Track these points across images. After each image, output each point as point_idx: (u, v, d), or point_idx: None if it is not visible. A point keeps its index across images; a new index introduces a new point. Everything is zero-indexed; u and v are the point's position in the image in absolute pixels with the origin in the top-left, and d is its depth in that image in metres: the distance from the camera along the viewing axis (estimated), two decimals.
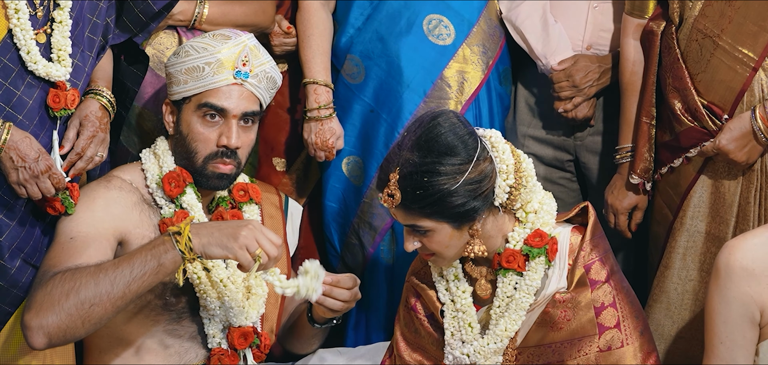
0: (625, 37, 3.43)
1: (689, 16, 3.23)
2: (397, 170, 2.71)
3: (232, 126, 3.06)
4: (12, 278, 2.92)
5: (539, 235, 2.78)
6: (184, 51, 3.07)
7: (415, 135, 2.71)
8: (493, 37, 3.69)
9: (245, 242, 2.69)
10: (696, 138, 3.24)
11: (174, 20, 3.39)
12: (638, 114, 3.37)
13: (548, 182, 3.76)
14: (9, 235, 2.89)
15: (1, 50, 2.82)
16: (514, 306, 2.78)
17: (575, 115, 3.61)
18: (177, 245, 2.68)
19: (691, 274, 3.33)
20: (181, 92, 3.08)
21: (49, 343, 2.68)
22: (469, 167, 2.67)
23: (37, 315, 2.68)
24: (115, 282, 2.68)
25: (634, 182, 3.39)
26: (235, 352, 3.08)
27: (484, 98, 3.67)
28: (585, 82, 3.56)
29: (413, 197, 2.69)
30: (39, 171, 2.80)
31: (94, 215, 2.94)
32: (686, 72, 3.24)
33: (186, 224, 2.69)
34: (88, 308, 2.67)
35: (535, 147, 3.75)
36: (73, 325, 2.68)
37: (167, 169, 3.09)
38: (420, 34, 3.62)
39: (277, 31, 3.67)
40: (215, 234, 2.70)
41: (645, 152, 3.35)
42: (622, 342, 2.71)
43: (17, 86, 2.84)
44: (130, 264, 2.70)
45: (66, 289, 2.68)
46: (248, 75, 3.07)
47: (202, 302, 3.05)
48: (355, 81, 3.68)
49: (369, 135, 3.66)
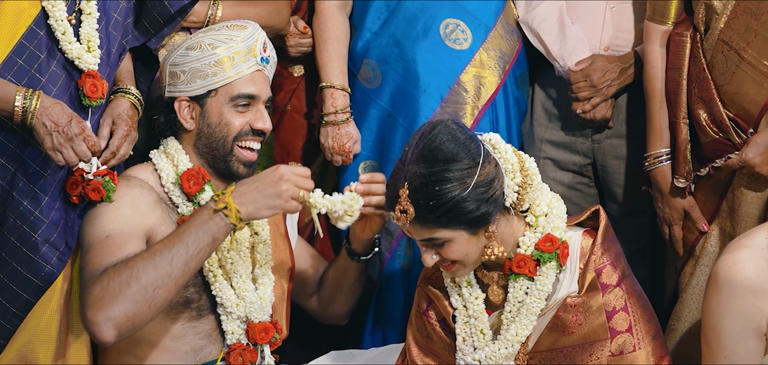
0: (649, 44, 3.40)
1: (715, 27, 3.20)
2: (406, 184, 2.70)
3: (262, 110, 3.13)
4: (36, 266, 2.94)
5: (550, 240, 2.77)
6: (206, 44, 3.09)
7: (417, 148, 2.70)
8: (510, 42, 3.67)
9: (289, 194, 2.82)
10: (721, 150, 3.22)
11: (188, 22, 3.39)
12: (674, 118, 3.33)
13: (565, 186, 3.74)
14: (37, 223, 2.92)
15: (28, 37, 2.86)
16: (525, 311, 2.78)
17: (593, 115, 3.58)
18: (227, 219, 2.79)
19: None
20: (206, 85, 3.09)
21: (118, 334, 2.71)
22: (476, 171, 2.67)
23: (101, 309, 2.70)
24: (174, 262, 2.75)
25: (680, 185, 3.34)
26: (254, 347, 3.09)
27: (501, 103, 3.66)
28: (603, 82, 3.54)
29: (427, 208, 2.68)
30: (73, 134, 2.83)
31: (123, 213, 2.96)
32: (712, 83, 3.21)
33: (229, 197, 2.78)
34: (151, 291, 2.72)
35: (553, 152, 3.73)
36: (140, 311, 2.71)
37: (183, 167, 3.10)
38: (437, 39, 3.60)
39: (293, 32, 3.67)
40: (259, 199, 2.82)
41: (687, 154, 3.32)
42: (635, 346, 2.70)
43: (42, 74, 2.87)
44: (183, 243, 2.77)
45: (124, 278, 2.72)
46: (269, 60, 3.16)
47: (219, 300, 3.06)
48: (371, 86, 3.67)
49: (385, 140, 3.65)
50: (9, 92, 2.78)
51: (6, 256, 2.92)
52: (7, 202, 2.91)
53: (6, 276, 2.93)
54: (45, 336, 2.97)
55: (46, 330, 2.98)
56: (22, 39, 2.86)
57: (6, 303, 2.94)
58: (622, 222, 3.72)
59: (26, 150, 2.90)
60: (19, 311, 2.95)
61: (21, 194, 2.91)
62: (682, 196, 3.37)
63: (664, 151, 3.37)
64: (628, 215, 3.72)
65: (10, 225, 2.91)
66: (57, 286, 2.98)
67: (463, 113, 3.58)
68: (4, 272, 2.93)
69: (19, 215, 2.91)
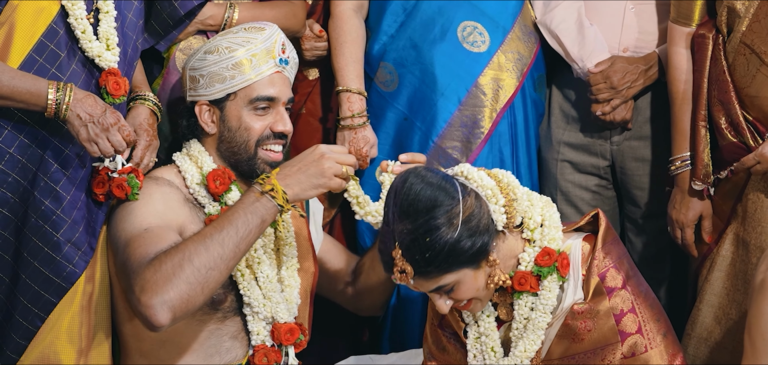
0: (674, 46, 3.38)
1: (737, 30, 3.20)
2: (397, 245, 2.66)
3: (283, 112, 3.11)
4: (58, 266, 2.92)
5: (547, 253, 2.75)
6: (224, 47, 3.08)
7: (396, 206, 2.66)
8: (528, 44, 3.66)
9: (332, 171, 2.87)
10: (737, 154, 3.21)
11: (204, 25, 3.39)
12: (694, 120, 3.32)
13: (583, 189, 3.74)
14: (59, 222, 2.90)
15: (49, 35, 2.85)
16: (532, 326, 2.76)
17: (613, 117, 3.57)
18: (275, 200, 2.82)
19: (737, 284, 3.29)
20: (225, 88, 3.08)
21: (173, 317, 2.69)
22: (460, 208, 2.63)
23: (155, 293, 2.69)
24: (225, 244, 2.76)
25: (697, 188, 3.33)
26: (279, 348, 3.07)
27: (519, 105, 3.65)
28: (623, 83, 3.53)
29: (425, 262, 2.64)
30: (109, 124, 2.82)
31: (157, 208, 2.96)
32: (731, 85, 3.21)
33: (274, 179, 2.83)
34: (205, 273, 2.72)
35: (571, 154, 3.72)
36: (194, 293, 2.71)
37: (207, 168, 3.09)
38: (454, 42, 3.59)
39: (308, 35, 3.65)
40: (303, 179, 2.86)
41: (705, 157, 3.30)
42: (646, 347, 2.68)
43: (63, 72, 2.86)
44: (232, 225, 2.79)
45: (177, 261, 2.72)
46: (288, 62, 3.14)
47: (247, 300, 3.04)
48: (388, 89, 3.66)
49: (403, 143, 3.64)
50: (41, 86, 2.77)
51: (28, 256, 2.90)
52: (28, 201, 2.88)
53: (28, 276, 2.90)
54: (67, 337, 2.95)
55: (69, 331, 2.95)
56: (43, 37, 2.85)
57: (28, 304, 2.91)
58: (641, 225, 3.73)
59: (47, 149, 2.88)
60: (41, 311, 2.93)
61: (42, 194, 2.89)
62: (700, 198, 3.35)
63: (689, 155, 3.36)
64: (648, 217, 3.71)
65: (32, 225, 2.89)
66: (79, 286, 2.96)
67: (481, 115, 3.57)
68: (26, 273, 2.90)
69: (41, 215, 2.89)
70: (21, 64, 2.81)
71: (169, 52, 3.40)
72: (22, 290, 2.91)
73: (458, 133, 3.57)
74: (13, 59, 2.82)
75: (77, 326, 2.97)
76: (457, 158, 3.57)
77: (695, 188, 3.34)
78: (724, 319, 3.32)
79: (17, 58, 2.82)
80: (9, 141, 2.84)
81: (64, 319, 2.95)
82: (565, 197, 3.75)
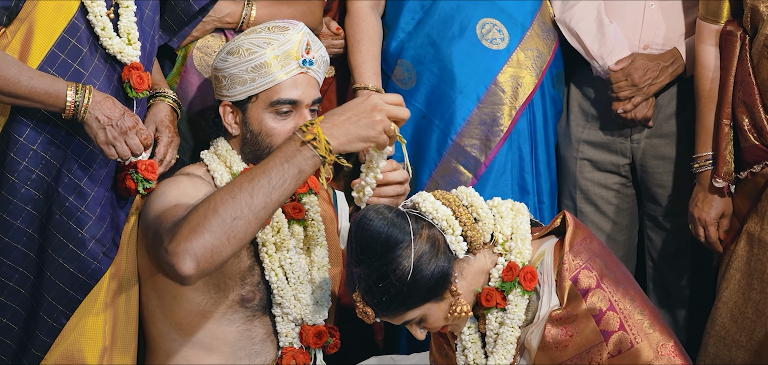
0: (702, 44, 3.38)
1: (762, 31, 3.19)
2: (357, 288, 2.64)
3: (306, 116, 3.01)
4: (83, 263, 2.89)
5: (511, 268, 2.71)
6: (244, 49, 3.00)
7: (351, 250, 2.64)
8: (547, 41, 3.66)
9: (383, 125, 2.66)
10: (759, 156, 3.21)
11: (222, 23, 3.37)
12: (718, 117, 3.32)
13: (602, 187, 3.73)
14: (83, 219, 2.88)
15: (70, 31, 2.82)
16: (501, 341, 2.73)
17: (634, 115, 3.57)
18: (316, 150, 2.60)
19: (753, 283, 3.29)
20: (246, 91, 3.02)
21: (197, 267, 2.57)
22: (411, 248, 2.59)
23: (181, 241, 2.57)
24: (255, 193, 2.59)
25: (718, 185, 3.33)
26: (308, 351, 3.04)
27: (538, 103, 3.64)
28: (644, 80, 3.52)
29: (383, 305, 2.62)
30: (127, 127, 2.79)
31: (187, 191, 2.90)
32: (756, 88, 3.20)
33: (318, 128, 2.61)
34: (230, 222, 2.57)
35: (591, 152, 3.71)
36: (219, 243, 2.57)
37: (236, 167, 3.04)
38: (473, 39, 3.58)
39: (325, 33, 3.63)
40: (351, 129, 2.64)
41: (727, 155, 3.30)
42: (632, 342, 2.63)
43: (86, 68, 2.84)
44: (266, 174, 2.61)
45: (202, 212, 2.59)
46: (313, 62, 3.03)
47: (278, 300, 3.00)
48: (406, 87, 3.64)
49: (421, 141, 3.63)
50: (59, 88, 2.74)
51: (52, 253, 2.87)
52: (52, 198, 2.86)
53: (53, 273, 2.88)
54: (92, 335, 2.92)
55: (93, 329, 2.93)
56: (64, 33, 2.82)
57: (53, 301, 2.89)
58: (662, 223, 3.72)
59: (71, 145, 2.86)
60: (66, 309, 2.90)
61: (67, 190, 2.86)
62: (721, 196, 3.35)
63: (713, 153, 3.36)
64: (669, 215, 3.71)
65: (56, 222, 2.86)
66: (104, 284, 2.93)
67: (501, 113, 3.56)
68: (50, 270, 2.88)
69: (65, 212, 2.86)
70: (43, 60, 2.79)
71: (186, 50, 3.38)
72: (47, 287, 2.88)
73: (477, 131, 3.56)
74: (34, 56, 2.79)
75: (101, 324, 2.94)
76: (476, 155, 3.56)
77: (716, 186, 3.33)
78: (740, 318, 3.31)
79: (39, 55, 2.79)
80: (32, 138, 2.81)
81: (88, 317, 2.92)
82: (584, 195, 3.75)
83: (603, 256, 2.73)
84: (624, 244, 3.80)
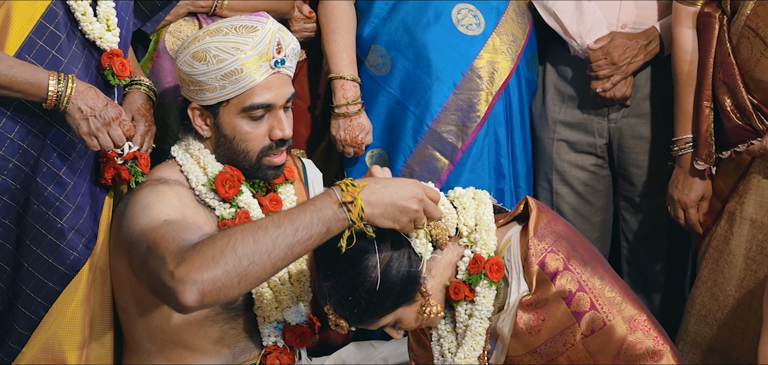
0: (679, 26, 3.38)
1: (742, 12, 3.20)
2: (328, 302, 2.63)
3: (280, 117, 2.92)
4: (62, 254, 2.84)
5: (476, 260, 2.71)
6: (212, 55, 2.84)
7: (317, 267, 2.61)
8: (522, 24, 3.66)
9: (415, 217, 2.54)
10: (743, 136, 3.22)
11: (195, 7, 3.33)
12: (698, 99, 3.33)
13: (579, 168, 3.74)
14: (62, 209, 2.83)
15: (48, 17, 2.76)
16: (470, 333, 2.74)
17: (613, 94, 3.58)
18: (350, 214, 2.47)
19: (737, 261, 3.31)
20: (216, 97, 2.88)
21: (200, 301, 2.41)
22: (377, 259, 2.57)
23: (191, 270, 2.39)
24: (277, 242, 2.43)
25: (699, 168, 3.34)
26: (292, 350, 3.00)
27: (514, 87, 3.65)
28: (623, 59, 3.53)
29: (356, 316, 2.61)
30: (110, 118, 2.74)
31: (173, 203, 2.79)
32: (737, 69, 3.21)
33: (359, 193, 2.48)
34: (246, 265, 2.41)
35: (567, 133, 3.73)
36: (229, 283, 2.41)
37: (212, 170, 2.94)
38: (449, 25, 3.57)
39: (297, 17, 3.60)
40: (387, 207, 2.50)
41: (708, 137, 3.31)
42: (604, 320, 2.63)
43: (64, 55, 2.79)
44: (292, 224, 2.45)
45: (220, 246, 2.42)
46: (285, 61, 2.91)
47: (257, 304, 2.96)
48: (380, 73, 3.62)
49: (395, 127, 3.61)
50: (41, 77, 2.68)
51: (30, 244, 2.81)
52: (30, 188, 2.80)
53: (30, 265, 2.82)
54: (71, 328, 2.87)
55: (72, 322, 2.88)
56: (42, 19, 2.76)
57: (31, 293, 2.83)
58: (638, 204, 3.75)
59: (50, 134, 2.80)
60: (44, 300, 2.85)
61: (45, 180, 2.80)
62: (702, 178, 3.37)
63: (693, 136, 3.37)
64: (645, 196, 3.73)
65: (34, 212, 2.81)
66: (83, 275, 2.88)
67: (477, 99, 3.55)
68: (28, 261, 2.82)
69: (44, 201, 2.81)
70: (21, 47, 2.73)
71: (159, 35, 3.33)
72: (25, 279, 2.83)
73: (453, 117, 3.55)
74: (11, 42, 2.73)
75: (80, 316, 2.89)
76: (453, 141, 3.55)
77: (697, 168, 3.35)
78: (721, 296, 3.34)
79: (16, 41, 2.74)
80: (9, 127, 2.76)
81: (67, 309, 2.87)
82: (560, 176, 3.76)
83: (568, 237, 2.73)
84: (599, 225, 3.82)
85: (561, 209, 3.79)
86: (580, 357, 2.65)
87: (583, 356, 2.65)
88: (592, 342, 2.64)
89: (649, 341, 2.63)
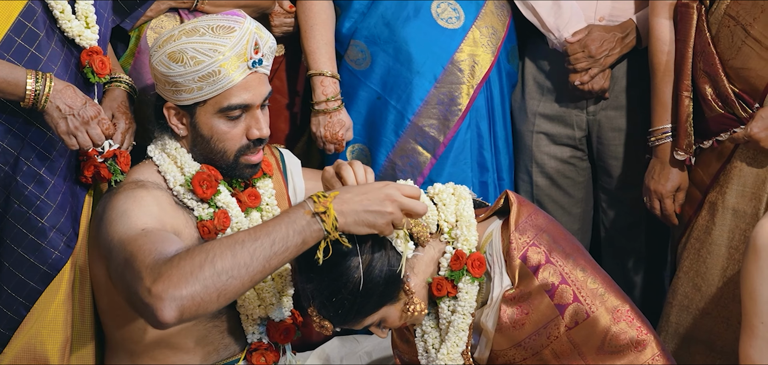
0: (656, 17, 3.38)
1: (722, 1, 3.20)
2: (312, 303, 2.63)
3: (258, 117, 2.91)
4: (43, 253, 2.82)
5: (458, 256, 2.72)
6: (189, 57, 2.81)
7: (300, 269, 2.61)
8: (501, 17, 3.66)
9: (392, 218, 2.53)
10: (725, 124, 3.23)
11: (176, 2, 3.31)
12: (677, 90, 3.33)
13: (558, 160, 3.75)
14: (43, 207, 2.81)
15: (26, 15, 2.74)
16: (453, 329, 2.74)
17: (591, 87, 3.58)
18: (323, 224, 2.48)
19: (720, 251, 3.31)
20: (193, 98, 2.86)
21: (180, 317, 2.40)
22: (359, 259, 2.57)
23: (169, 287, 2.38)
24: (255, 255, 2.44)
25: (679, 158, 3.34)
26: (276, 347, 2.99)
27: (495, 79, 3.65)
28: (601, 52, 3.54)
29: (340, 317, 2.62)
30: (88, 117, 2.72)
31: (151, 210, 2.77)
32: (717, 58, 3.22)
33: (331, 203, 2.50)
34: (225, 280, 2.41)
35: (547, 126, 3.73)
36: (209, 298, 2.41)
37: (189, 170, 2.92)
38: (429, 19, 3.56)
39: (277, 11, 3.59)
40: (360, 213, 2.52)
41: (687, 127, 3.32)
42: (588, 312, 2.64)
43: (43, 52, 2.76)
44: (269, 236, 2.46)
45: (198, 261, 2.42)
46: (262, 60, 2.89)
47: (240, 302, 2.95)
48: (360, 67, 3.61)
49: (376, 122, 3.60)
50: (19, 76, 2.66)
51: (11, 243, 2.79)
52: (10, 187, 2.78)
53: (11, 265, 2.80)
54: (53, 327, 2.85)
55: (54, 321, 2.86)
56: (20, 17, 2.74)
57: (12, 293, 2.81)
58: (616, 195, 3.76)
59: (30, 132, 2.78)
60: (25, 300, 2.83)
61: (25, 179, 2.78)
62: (680, 169, 3.38)
63: (671, 126, 3.38)
64: (624, 188, 3.74)
65: (15, 211, 2.79)
66: (65, 274, 2.87)
67: (458, 92, 3.55)
68: (9, 261, 2.80)
69: (25, 200, 2.79)
70: None
71: (140, 31, 3.31)
72: (6, 279, 2.81)
73: (435, 111, 3.55)
74: None
75: (63, 315, 2.87)
76: (435, 135, 3.55)
77: (678, 158, 3.36)
78: (703, 285, 3.35)
79: None
80: None
81: (49, 308, 2.86)
82: (540, 168, 3.76)
83: (549, 230, 2.74)
84: (580, 217, 3.83)
85: (541, 201, 3.79)
86: (565, 350, 2.65)
87: (567, 348, 2.65)
88: (576, 334, 2.64)
89: (633, 331, 2.64)
